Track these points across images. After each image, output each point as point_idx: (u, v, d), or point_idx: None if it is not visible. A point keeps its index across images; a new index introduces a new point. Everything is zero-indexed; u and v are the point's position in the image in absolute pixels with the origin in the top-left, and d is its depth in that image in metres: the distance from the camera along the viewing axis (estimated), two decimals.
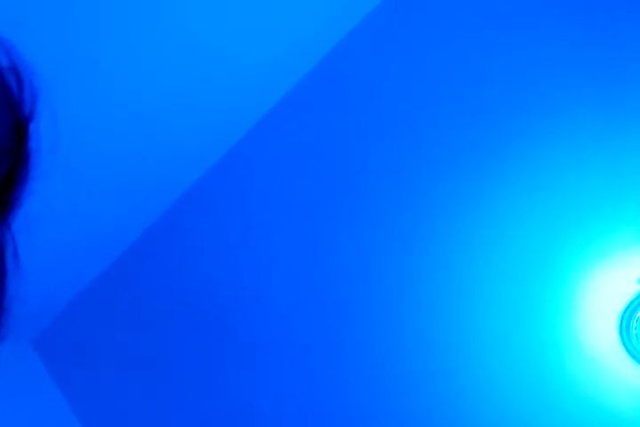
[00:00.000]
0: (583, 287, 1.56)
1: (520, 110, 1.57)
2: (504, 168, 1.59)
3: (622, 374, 1.55)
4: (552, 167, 1.56)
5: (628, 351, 1.53)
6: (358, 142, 1.68)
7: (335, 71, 1.68)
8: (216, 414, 1.82)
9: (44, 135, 0.35)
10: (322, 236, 1.72)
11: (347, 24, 1.63)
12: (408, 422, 1.68)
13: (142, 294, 1.86)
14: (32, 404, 1.84)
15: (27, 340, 1.90)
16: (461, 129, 1.60)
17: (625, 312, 1.52)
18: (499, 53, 1.57)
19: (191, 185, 1.79)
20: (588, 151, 1.53)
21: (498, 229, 1.60)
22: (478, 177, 1.61)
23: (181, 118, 1.56)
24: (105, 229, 1.73)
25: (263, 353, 1.78)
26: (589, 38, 1.50)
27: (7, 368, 1.80)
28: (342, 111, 1.68)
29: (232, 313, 1.80)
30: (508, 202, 1.59)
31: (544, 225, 1.57)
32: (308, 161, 1.71)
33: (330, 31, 1.63)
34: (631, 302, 1.53)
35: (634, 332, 1.53)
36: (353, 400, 1.72)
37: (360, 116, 1.67)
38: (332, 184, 1.70)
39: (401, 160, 1.65)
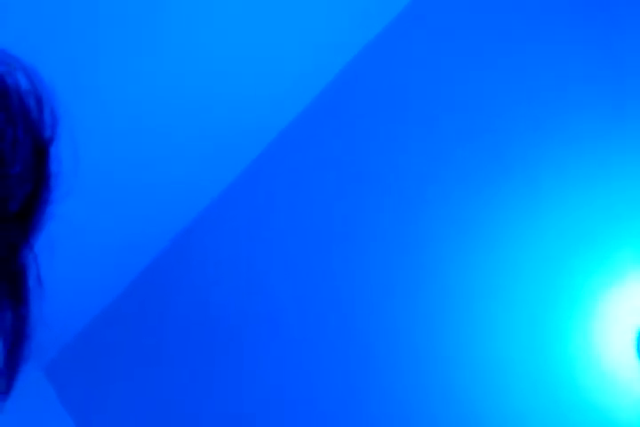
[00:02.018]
0: (600, 303, 1.55)
1: (521, 135, 1.58)
2: (515, 186, 1.60)
3: (638, 389, 1.53)
4: (569, 181, 1.56)
5: None
6: (370, 156, 1.68)
7: (352, 84, 1.69)
8: None
9: (65, 158, 0.35)
10: (332, 252, 1.72)
11: (360, 41, 1.65)
12: None
13: (156, 320, 1.85)
14: None
15: (39, 369, 1.89)
16: (472, 144, 1.61)
17: None
18: (513, 63, 1.58)
19: (203, 209, 1.79)
20: (601, 165, 1.54)
21: (512, 242, 1.60)
22: (487, 197, 1.61)
23: (198, 139, 1.57)
24: (116, 257, 1.73)
25: (277, 383, 1.76)
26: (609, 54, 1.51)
27: (19, 398, 1.78)
28: (357, 129, 1.69)
29: (249, 340, 1.78)
30: (524, 215, 1.59)
31: (561, 239, 1.56)
32: (326, 177, 1.71)
33: (347, 44, 1.64)
34: None
35: None
36: (360, 405, 1.70)
37: (376, 130, 1.68)
38: (349, 199, 1.70)
39: (413, 170, 1.65)
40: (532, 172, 1.59)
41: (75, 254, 1.58)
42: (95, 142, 1.34)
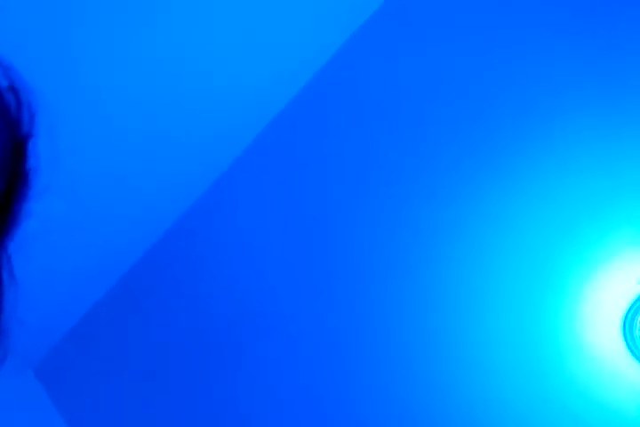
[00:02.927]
0: (586, 289, 1.56)
1: (515, 116, 1.58)
2: (503, 173, 1.60)
3: (625, 374, 1.55)
4: (550, 171, 1.56)
5: (632, 352, 1.53)
6: (358, 151, 1.68)
7: (333, 83, 1.69)
8: None
9: (43, 154, 0.35)
10: (325, 247, 1.72)
11: (341, 35, 1.65)
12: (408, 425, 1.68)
13: (147, 317, 1.84)
14: None
15: (28, 368, 1.88)
16: (460, 136, 1.61)
17: (628, 313, 1.52)
18: (500, 56, 1.58)
19: (192, 203, 1.78)
20: (585, 155, 1.54)
21: (498, 232, 1.60)
22: (478, 183, 1.61)
23: (181, 132, 1.56)
24: (104, 253, 1.72)
25: (276, 384, 1.76)
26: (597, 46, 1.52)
27: (9, 399, 1.78)
28: (339, 125, 1.69)
29: (244, 340, 1.78)
30: (508, 205, 1.60)
31: (545, 228, 1.57)
32: (312, 170, 1.71)
33: (329, 38, 1.64)
34: (634, 303, 1.53)
35: (637, 333, 1.53)
36: (358, 407, 1.71)
37: (361, 125, 1.68)
38: (340, 195, 1.70)
39: (402, 166, 1.66)
40: (522, 155, 1.59)
41: (63, 252, 1.57)
42: (87, 136, 1.33)
